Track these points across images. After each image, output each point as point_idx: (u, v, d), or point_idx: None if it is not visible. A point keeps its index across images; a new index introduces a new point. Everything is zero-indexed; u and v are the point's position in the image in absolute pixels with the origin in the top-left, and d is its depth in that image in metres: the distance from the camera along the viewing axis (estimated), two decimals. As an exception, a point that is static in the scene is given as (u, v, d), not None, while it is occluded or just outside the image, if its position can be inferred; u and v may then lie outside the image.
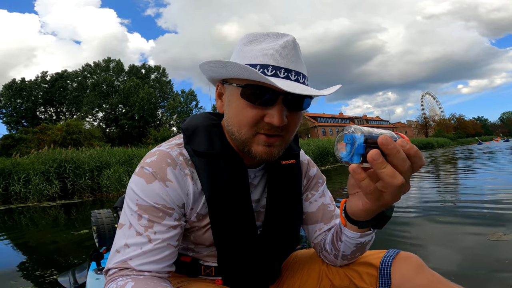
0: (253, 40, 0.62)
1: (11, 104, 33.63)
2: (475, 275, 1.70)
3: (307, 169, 0.83)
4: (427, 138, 53.81)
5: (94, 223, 1.63)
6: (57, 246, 3.56)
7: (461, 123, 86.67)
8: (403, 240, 2.49)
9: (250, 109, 0.60)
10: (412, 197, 4.50)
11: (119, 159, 11.01)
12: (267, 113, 0.59)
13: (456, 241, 2.33)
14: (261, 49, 0.60)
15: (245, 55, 0.61)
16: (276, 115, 0.58)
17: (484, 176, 6.47)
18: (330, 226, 0.78)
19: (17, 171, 8.96)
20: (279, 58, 0.59)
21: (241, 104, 0.60)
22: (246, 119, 0.60)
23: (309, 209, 0.80)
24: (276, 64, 0.58)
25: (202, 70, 0.66)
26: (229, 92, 0.64)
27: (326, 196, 0.83)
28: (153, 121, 35.58)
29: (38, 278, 2.31)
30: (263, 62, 0.59)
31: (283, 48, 0.59)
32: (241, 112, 0.60)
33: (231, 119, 0.63)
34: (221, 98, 0.67)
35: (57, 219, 6.04)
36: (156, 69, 40.28)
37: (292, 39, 0.61)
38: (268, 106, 0.59)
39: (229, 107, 0.64)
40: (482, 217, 2.93)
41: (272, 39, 0.61)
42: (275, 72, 0.58)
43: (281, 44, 0.59)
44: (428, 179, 6.86)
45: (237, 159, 0.66)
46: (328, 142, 21.61)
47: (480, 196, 4.11)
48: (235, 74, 0.59)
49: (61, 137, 17.81)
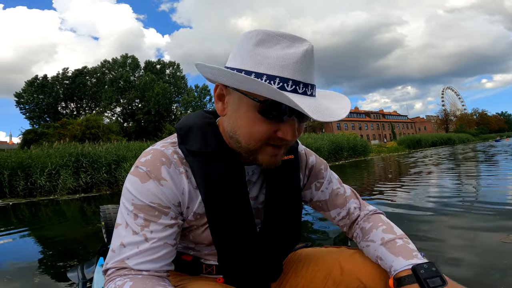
0: (265, 41, 0.56)
1: (33, 100, 34.96)
2: (487, 278, 1.64)
3: (306, 159, 0.81)
4: (447, 134, 52.08)
5: (102, 218, 1.65)
6: (76, 239, 3.68)
7: (483, 118, 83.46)
8: (418, 240, 2.42)
9: (263, 124, 0.57)
10: (430, 196, 4.36)
11: (135, 153, 11.26)
12: (281, 128, 0.58)
13: (470, 242, 2.25)
14: (279, 57, 0.55)
15: (260, 61, 0.55)
16: (290, 131, 0.57)
17: (501, 175, 6.18)
18: (346, 209, 0.81)
19: (36, 165, 9.26)
20: (299, 71, 0.55)
21: (254, 117, 0.57)
22: (258, 134, 0.58)
23: (323, 198, 0.81)
24: (296, 78, 0.55)
25: (200, 70, 0.62)
26: (235, 99, 0.59)
27: (333, 180, 0.83)
28: (168, 116, 36.17)
29: (53, 272, 2.38)
30: (283, 75, 0.54)
31: (303, 59, 0.55)
32: (253, 126, 0.58)
33: (239, 130, 0.60)
34: (222, 100, 0.63)
35: (79, 212, 6.26)
36: (170, 64, 40.81)
37: (311, 48, 0.56)
38: (283, 122, 0.57)
39: (237, 116, 0.60)
40: (500, 216, 2.81)
41: (287, 43, 0.55)
42: (295, 88, 0.55)
43: (301, 54, 0.55)
44: (447, 176, 6.65)
45: (233, 157, 0.65)
46: (343, 137, 21.26)
47: (499, 195, 3.94)
48: (253, 90, 0.54)
49: (81, 132, 18.41)
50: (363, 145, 22.71)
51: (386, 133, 62.17)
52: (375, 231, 0.74)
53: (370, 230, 0.76)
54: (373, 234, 0.74)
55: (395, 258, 0.66)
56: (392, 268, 0.65)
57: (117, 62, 38.22)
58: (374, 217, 0.79)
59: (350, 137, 21.87)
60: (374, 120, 62.11)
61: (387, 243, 0.71)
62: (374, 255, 0.72)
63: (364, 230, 0.77)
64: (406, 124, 71.73)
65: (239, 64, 0.57)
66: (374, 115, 63.73)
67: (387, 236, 0.72)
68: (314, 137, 20.37)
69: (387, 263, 0.67)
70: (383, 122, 63.81)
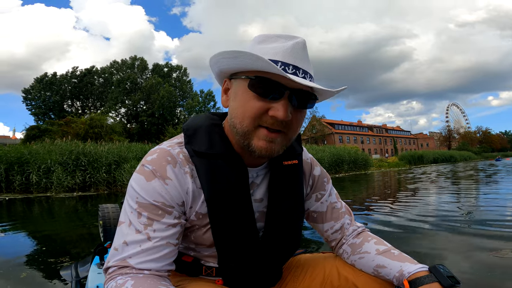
0: (265, 40, 0.63)
1: (40, 96, 35.22)
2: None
3: (311, 168, 0.83)
4: (449, 151, 51.73)
5: (101, 217, 1.64)
6: (68, 237, 3.65)
7: (486, 137, 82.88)
8: (417, 253, 2.44)
9: (256, 101, 0.60)
10: (429, 210, 4.36)
11: (136, 155, 11.26)
12: (272, 107, 0.60)
13: (466, 257, 2.26)
14: (272, 47, 0.62)
15: (256, 52, 0.61)
16: (281, 109, 0.59)
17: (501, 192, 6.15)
18: (341, 224, 0.82)
19: (35, 161, 9.22)
20: (288, 56, 0.60)
21: (248, 95, 0.61)
22: (250, 110, 0.61)
23: (320, 209, 0.82)
24: (286, 61, 0.60)
25: (212, 64, 0.67)
26: (236, 85, 0.65)
27: (332, 194, 0.84)
28: (171, 119, 36.28)
29: (44, 269, 2.36)
30: (274, 58, 0.60)
31: (293, 47, 0.61)
32: (247, 103, 0.61)
33: (235, 110, 0.64)
34: (227, 93, 0.68)
35: (73, 210, 6.23)
36: (177, 68, 41.10)
37: (302, 41, 0.63)
38: (274, 100, 0.60)
39: (235, 99, 0.64)
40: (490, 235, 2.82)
41: (284, 40, 0.62)
42: (284, 68, 0.60)
43: (291, 44, 0.61)
44: (441, 194, 6.62)
45: (237, 159, 0.66)
46: (344, 150, 21.22)
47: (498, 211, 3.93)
48: (246, 64, 0.60)
49: (84, 130, 18.50)
50: (364, 159, 22.65)
51: (388, 148, 61.87)
52: (367, 244, 0.77)
53: (361, 244, 0.78)
54: (366, 247, 0.76)
55: (402, 264, 0.68)
56: (405, 271, 0.66)
57: (126, 64, 38.58)
58: (363, 233, 0.82)
59: (351, 150, 21.84)
60: (377, 134, 61.89)
61: (385, 253, 0.73)
62: (372, 265, 0.73)
63: (354, 245, 0.78)
64: (409, 140, 71.40)
65: None
66: (377, 129, 63.55)
67: (381, 247, 0.75)
68: (315, 148, 20.35)
69: (393, 268, 0.69)
70: (385, 137, 63.55)
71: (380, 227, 3.49)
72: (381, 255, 0.72)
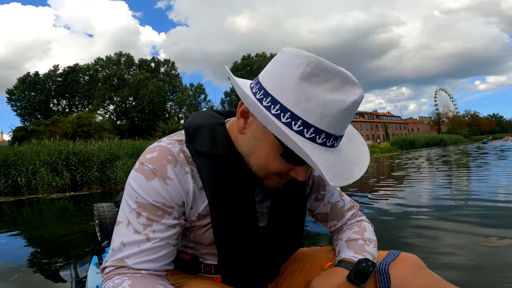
0: (314, 76, 0.49)
1: (24, 97, 34.50)
2: (470, 280, 1.66)
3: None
4: (439, 135, 52.77)
5: (96, 217, 1.62)
6: (64, 238, 3.61)
7: (475, 120, 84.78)
8: (407, 241, 2.45)
9: (281, 163, 0.57)
10: (421, 196, 4.39)
11: (127, 152, 11.15)
12: (295, 169, 0.58)
13: (449, 246, 2.25)
14: (322, 102, 0.49)
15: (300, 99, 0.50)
16: (303, 174, 0.58)
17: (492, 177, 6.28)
18: (342, 222, 0.83)
19: (23, 162, 9.07)
20: (337, 125, 0.51)
21: (274, 156, 0.57)
22: (273, 169, 0.59)
23: (324, 211, 0.82)
24: (330, 131, 0.51)
25: (236, 81, 0.57)
26: (260, 129, 0.57)
27: (334, 193, 0.83)
28: (162, 114, 35.99)
29: (43, 270, 2.34)
30: (319, 126, 0.50)
31: (347, 111, 0.50)
32: (271, 162, 0.58)
33: (255, 158, 0.60)
34: (246, 118, 0.59)
35: (65, 210, 6.16)
36: (165, 62, 40.56)
37: (360, 99, 0.51)
38: (298, 165, 0.57)
39: (257, 144, 0.59)
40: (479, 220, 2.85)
41: (337, 84, 0.50)
42: (325, 141, 0.52)
43: (347, 105, 0.50)
44: (430, 179, 6.72)
45: (241, 160, 0.63)
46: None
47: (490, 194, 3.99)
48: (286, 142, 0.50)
49: (72, 129, 18.19)
50: (356, 146, 22.86)
51: (379, 134, 62.75)
52: (348, 232, 0.79)
53: (344, 231, 0.81)
54: (344, 234, 0.79)
55: (347, 251, 0.72)
56: (340, 256, 0.71)
57: (111, 60, 37.84)
58: (357, 223, 0.82)
59: (344, 137, 22.02)
60: (368, 120, 62.63)
61: (350, 241, 0.76)
62: (337, 251, 0.77)
63: (341, 232, 0.82)
64: (399, 125, 72.52)
65: (276, 93, 0.51)
66: (368, 115, 64.25)
67: (353, 236, 0.77)
68: (308, 137, 20.43)
69: (341, 256, 0.72)
70: (376, 123, 64.38)
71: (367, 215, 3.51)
72: (345, 242, 0.75)
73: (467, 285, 1.60)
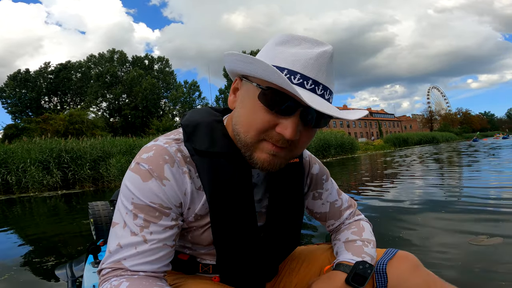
0: (288, 42, 0.56)
1: (15, 94, 33.86)
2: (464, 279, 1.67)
3: (309, 166, 0.80)
4: (431, 132, 53.34)
5: (91, 215, 1.61)
6: (56, 237, 3.57)
7: (467, 118, 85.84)
8: (397, 239, 2.46)
9: (264, 113, 0.55)
10: (413, 194, 4.44)
11: (120, 149, 11.05)
12: (281, 123, 0.54)
13: (439, 245, 2.27)
14: (294, 52, 0.54)
15: (275, 55, 0.56)
16: (290, 128, 0.53)
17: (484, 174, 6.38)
18: (341, 221, 0.83)
19: (13, 160, 8.92)
20: (310, 67, 0.53)
21: (256, 105, 0.55)
22: (256, 122, 0.55)
23: (322, 210, 0.82)
24: (306, 74, 0.53)
25: (226, 60, 0.61)
26: (245, 90, 0.59)
27: (332, 192, 0.83)
28: (156, 111, 35.65)
29: (37, 269, 2.32)
30: (292, 68, 0.54)
31: (317, 57, 0.54)
32: (254, 114, 0.56)
33: (240, 118, 0.59)
34: (235, 93, 0.62)
35: (57, 209, 6.09)
36: (159, 59, 40.17)
37: (330, 50, 0.55)
38: (284, 116, 0.54)
39: (242, 105, 0.59)
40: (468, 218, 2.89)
41: (309, 45, 0.55)
42: (302, 82, 0.53)
43: (317, 53, 0.54)
44: (421, 177, 6.79)
45: (240, 158, 0.62)
46: (331, 134, 21.47)
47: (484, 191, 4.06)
48: (259, 73, 0.53)
49: (64, 127, 17.93)
50: (350, 143, 23.03)
51: (373, 131, 63.21)
52: (346, 232, 0.79)
53: (342, 231, 0.81)
54: (342, 235, 0.79)
55: (345, 253, 0.72)
56: (338, 259, 0.71)
57: (104, 57, 37.30)
58: (355, 223, 0.82)
59: (338, 135, 22.14)
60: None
61: (348, 243, 0.76)
62: (335, 252, 0.77)
63: (339, 232, 0.82)
64: (393, 123, 73.08)
65: (259, 56, 0.58)
66: (362, 113, 64.53)
67: (351, 237, 0.77)
68: (302, 134, 20.45)
69: (339, 257, 0.72)
70: (370, 121, 64.79)
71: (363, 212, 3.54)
72: (344, 243, 0.75)
73: (457, 283, 1.62)
